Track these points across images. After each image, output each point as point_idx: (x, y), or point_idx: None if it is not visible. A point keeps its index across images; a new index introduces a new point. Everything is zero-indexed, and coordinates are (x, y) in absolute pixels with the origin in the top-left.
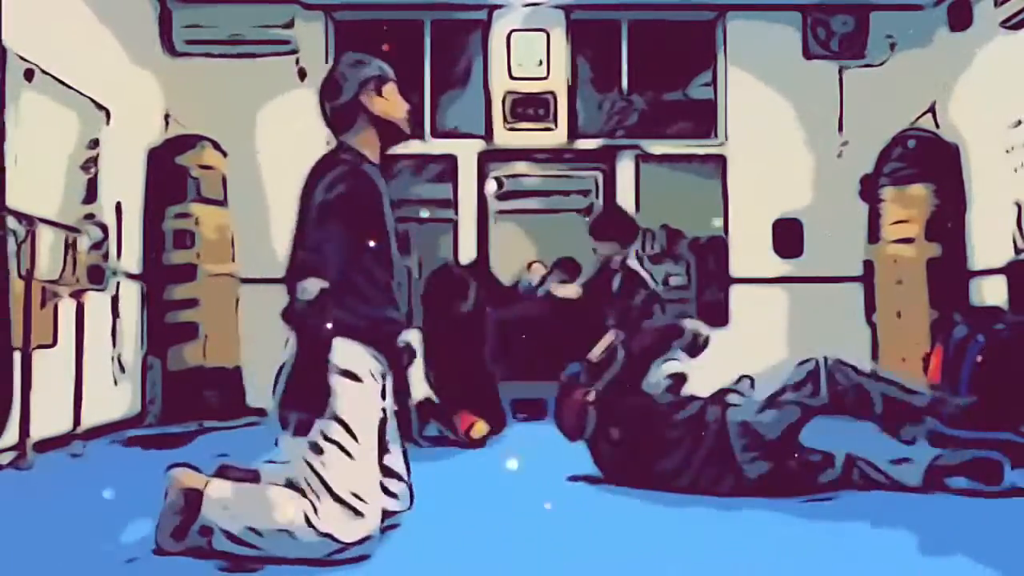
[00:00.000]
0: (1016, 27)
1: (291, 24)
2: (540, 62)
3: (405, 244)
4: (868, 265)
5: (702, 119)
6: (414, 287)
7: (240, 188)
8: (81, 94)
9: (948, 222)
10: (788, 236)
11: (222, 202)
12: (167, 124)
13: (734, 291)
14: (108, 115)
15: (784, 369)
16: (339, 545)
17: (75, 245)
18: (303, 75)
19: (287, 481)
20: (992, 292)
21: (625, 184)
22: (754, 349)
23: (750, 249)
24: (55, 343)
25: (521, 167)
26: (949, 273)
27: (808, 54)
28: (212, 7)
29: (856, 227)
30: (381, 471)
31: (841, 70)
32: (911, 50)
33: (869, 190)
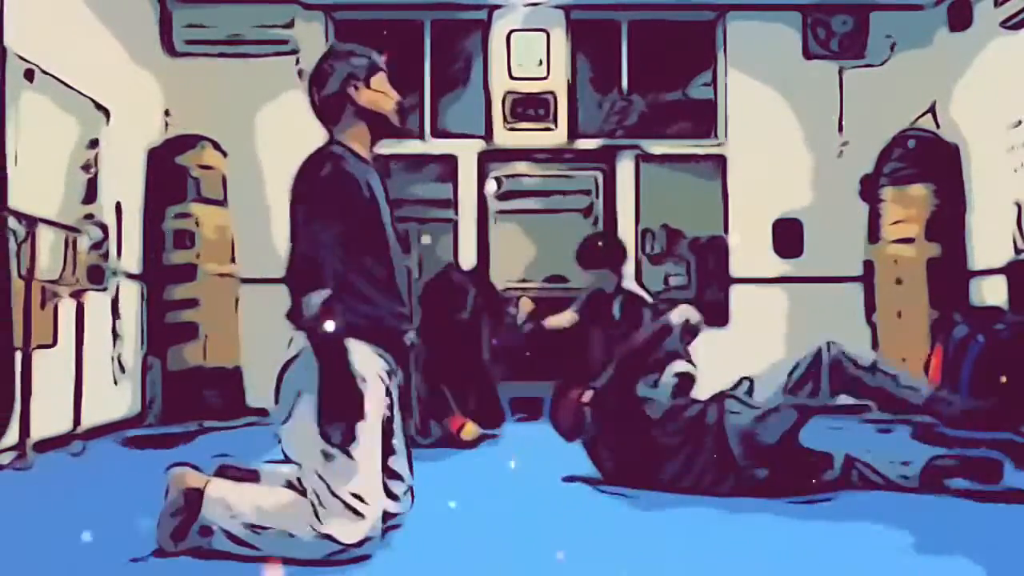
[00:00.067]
0: (1016, 27)
1: (291, 24)
2: (540, 62)
3: (405, 244)
4: (868, 265)
5: (702, 119)
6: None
7: (240, 188)
8: (81, 94)
9: (946, 222)
10: (788, 236)
11: (222, 202)
12: (167, 124)
13: (734, 291)
14: (108, 115)
15: (784, 368)
16: (339, 546)
17: (75, 245)
18: (303, 76)
19: (287, 481)
20: (992, 292)
21: (625, 184)
22: (754, 349)
23: (750, 249)
24: (55, 343)
25: (521, 167)
26: (949, 273)
27: (808, 54)
28: (212, 7)
29: (856, 227)
30: (384, 472)
31: (841, 70)
32: (911, 50)
33: (869, 190)
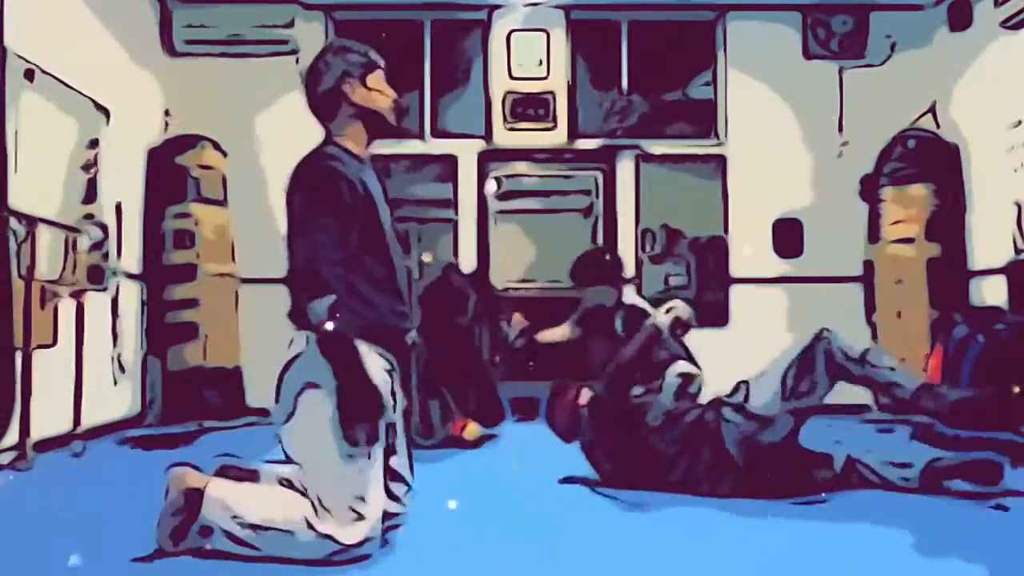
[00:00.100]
0: (1016, 27)
1: (291, 24)
2: (540, 62)
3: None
4: (868, 265)
5: (702, 119)
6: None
7: (240, 188)
8: (81, 94)
9: (946, 222)
10: (788, 236)
11: (222, 202)
12: (167, 124)
13: (734, 291)
14: (108, 115)
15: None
16: (339, 546)
17: (75, 245)
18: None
19: (287, 481)
20: (992, 292)
21: (625, 184)
22: (754, 349)
23: (750, 249)
24: (55, 343)
25: (521, 167)
26: (949, 273)
27: (808, 54)
28: (212, 7)
29: (856, 227)
30: (386, 473)
31: (841, 70)
32: (911, 50)
33: (869, 190)
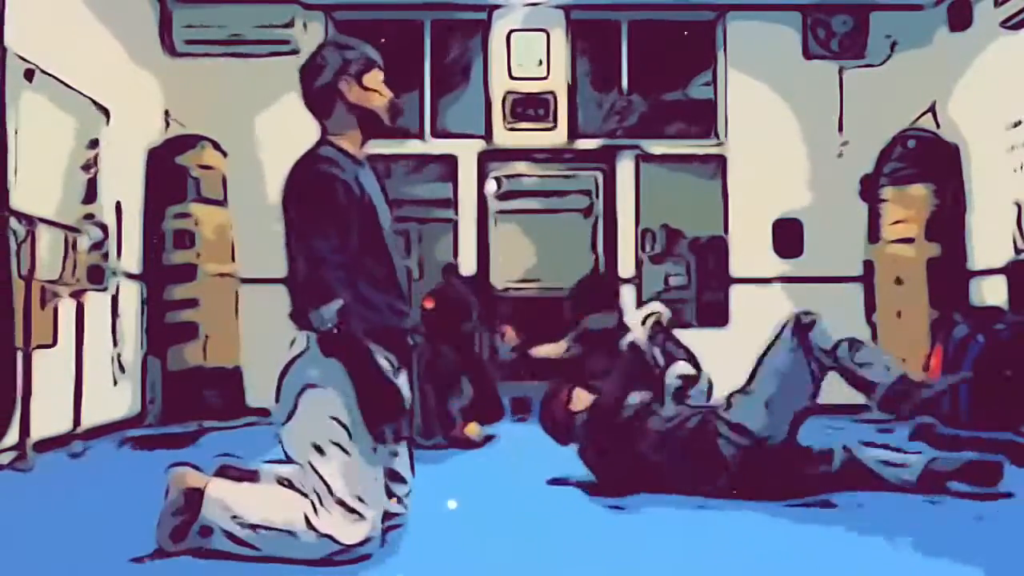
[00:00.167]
0: (1016, 27)
1: (291, 24)
2: (540, 62)
3: (405, 244)
4: (868, 265)
5: (702, 119)
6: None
7: (240, 188)
8: (81, 94)
9: (946, 222)
10: (788, 236)
11: (222, 202)
12: (167, 124)
13: (734, 291)
14: (108, 115)
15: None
16: (339, 546)
17: (75, 245)
18: None
19: (287, 481)
20: (992, 292)
21: (625, 184)
22: (754, 349)
23: (750, 249)
24: (55, 343)
25: (521, 167)
26: (949, 273)
27: (808, 54)
28: (212, 7)
29: (856, 227)
30: (386, 474)
31: (841, 70)
32: (911, 50)
33: (869, 190)
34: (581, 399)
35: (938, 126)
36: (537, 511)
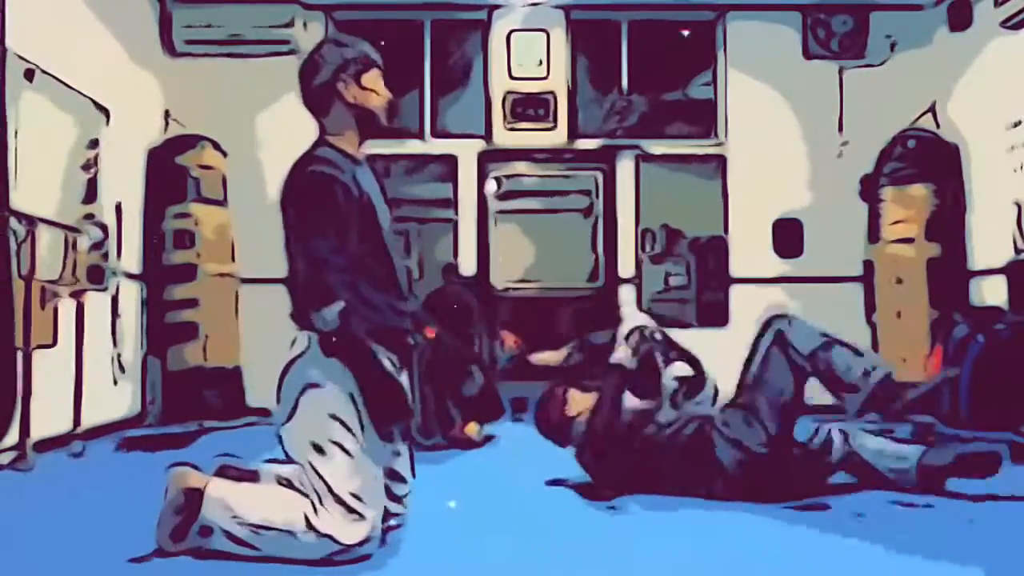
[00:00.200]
0: (1016, 27)
1: (291, 24)
2: (540, 62)
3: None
4: (868, 265)
5: (702, 119)
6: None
7: (240, 188)
8: (81, 94)
9: (946, 222)
10: (788, 236)
11: (222, 202)
12: (167, 124)
13: (734, 291)
14: (108, 115)
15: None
16: (339, 546)
17: (75, 245)
18: None
19: (287, 481)
20: (992, 292)
21: (625, 184)
22: None
23: (750, 249)
24: (55, 343)
25: (521, 167)
26: (949, 273)
27: (808, 54)
28: (212, 7)
29: (856, 227)
30: (386, 474)
31: (841, 70)
32: (911, 50)
33: (869, 190)
34: (576, 400)
35: (938, 126)
36: (537, 511)
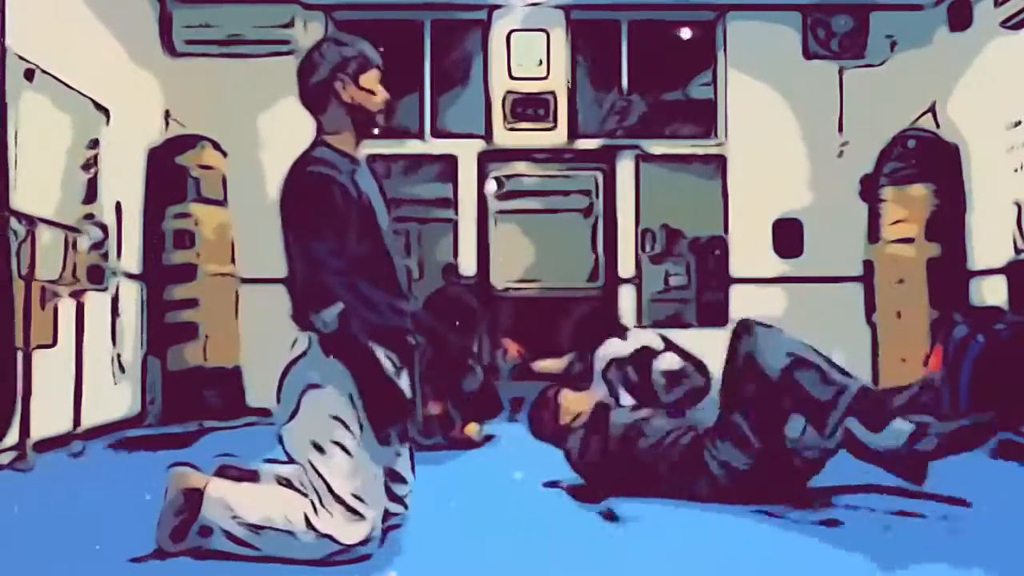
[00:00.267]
0: (1016, 27)
1: (291, 24)
2: (540, 62)
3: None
4: (868, 265)
5: (702, 119)
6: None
7: (240, 188)
8: (81, 94)
9: (946, 222)
10: (788, 236)
11: (222, 202)
12: (167, 124)
13: (734, 291)
14: (108, 115)
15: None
16: (339, 546)
17: (75, 245)
18: None
19: (287, 481)
20: (992, 292)
21: (625, 184)
22: None
23: (750, 249)
24: (55, 343)
25: (521, 167)
26: (949, 273)
27: (808, 54)
28: (212, 7)
29: (856, 227)
30: (386, 474)
31: (841, 70)
32: (911, 50)
33: (869, 190)
34: (569, 401)
35: (938, 126)
36: (537, 511)
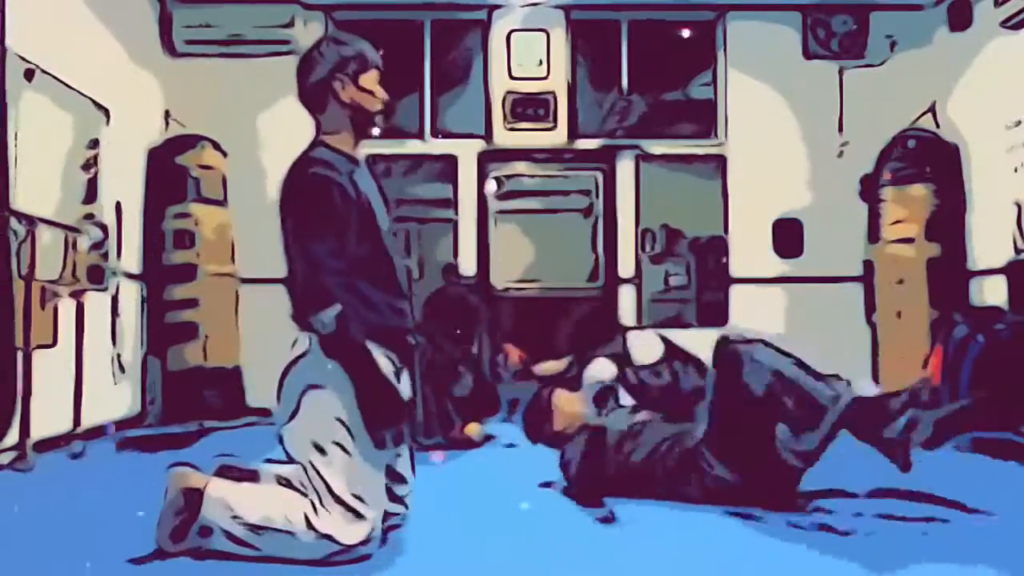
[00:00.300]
0: (1016, 27)
1: (291, 24)
2: (540, 62)
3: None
4: (868, 265)
5: (702, 119)
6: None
7: (240, 188)
8: (81, 94)
9: (946, 222)
10: (788, 236)
11: (222, 202)
12: (167, 124)
13: (734, 291)
14: (108, 115)
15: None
16: (339, 546)
17: (75, 245)
18: None
19: (287, 481)
20: (992, 292)
21: (625, 184)
22: None
23: (750, 249)
24: (55, 343)
25: (521, 167)
26: (949, 273)
27: (808, 54)
28: (212, 7)
29: (856, 227)
30: (387, 474)
31: (841, 70)
32: (911, 50)
33: (869, 190)
34: (563, 401)
35: (938, 126)
36: (536, 511)
